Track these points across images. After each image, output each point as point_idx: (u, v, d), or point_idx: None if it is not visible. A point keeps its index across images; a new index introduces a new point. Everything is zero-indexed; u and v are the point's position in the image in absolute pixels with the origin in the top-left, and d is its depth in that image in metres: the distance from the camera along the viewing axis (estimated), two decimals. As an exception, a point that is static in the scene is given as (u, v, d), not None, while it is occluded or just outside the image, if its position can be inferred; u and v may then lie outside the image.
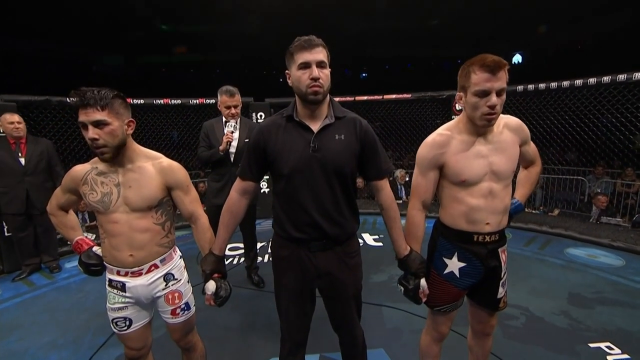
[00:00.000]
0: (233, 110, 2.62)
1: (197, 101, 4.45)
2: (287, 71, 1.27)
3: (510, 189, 1.35)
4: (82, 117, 1.18)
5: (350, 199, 1.34)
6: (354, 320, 1.42)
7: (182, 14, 10.14)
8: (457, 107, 1.33)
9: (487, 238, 1.32)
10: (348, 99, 4.53)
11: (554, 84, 3.52)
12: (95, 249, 1.42)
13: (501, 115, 1.29)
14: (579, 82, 3.42)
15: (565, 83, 3.47)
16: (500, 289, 1.40)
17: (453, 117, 4.36)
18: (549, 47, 11.65)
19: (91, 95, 1.16)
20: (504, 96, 1.19)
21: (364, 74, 16.48)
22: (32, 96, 3.43)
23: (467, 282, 1.37)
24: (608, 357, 1.97)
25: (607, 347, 2.06)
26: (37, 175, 3.16)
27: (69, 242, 3.76)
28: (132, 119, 1.30)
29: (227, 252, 3.72)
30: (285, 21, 10.24)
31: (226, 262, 1.52)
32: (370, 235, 4.20)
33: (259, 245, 3.81)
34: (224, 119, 2.70)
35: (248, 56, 13.26)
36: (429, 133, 1.38)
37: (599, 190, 5.22)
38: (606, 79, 3.20)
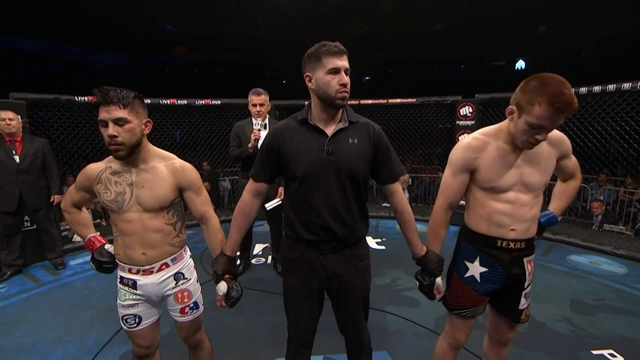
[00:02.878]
0: (258, 108, 2.82)
1: (203, 102, 4.48)
2: (307, 74, 1.28)
3: (540, 199, 1.33)
4: (103, 115, 1.20)
5: (362, 203, 1.36)
6: (361, 322, 1.44)
7: (187, 14, 10.19)
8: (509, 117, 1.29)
9: (512, 245, 1.31)
10: (353, 102, 4.56)
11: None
12: (108, 246, 1.43)
13: None
14: (583, 89, 3.44)
15: (583, 89, 3.45)
16: (523, 300, 1.38)
17: (458, 122, 4.39)
18: (552, 52, 11.68)
19: (114, 93, 1.19)
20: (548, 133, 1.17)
21: (366, 77, 16.54)
22: (41, 94, 3.46)
23: (487, 287, 1.36)
24: (611, 364, 1.99)
25: (610, 354, 2.07)
26: (31, 173, 3.13)
27: (81, 239, 3.79)
28: (149, 119, 1.33)
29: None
30: (289, 23, 10.30)
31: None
32: (373, 238, 4.21)
33: (262, 246, 3.86)
34: (253, 120, 2.84)
35: (251, 57, 13.32)
36: (432, 137, 1.37)
37: (600, 198, 5.23)
38: (611, 87, 3.23)
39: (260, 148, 1.37)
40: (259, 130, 2.75)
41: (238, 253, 1.54)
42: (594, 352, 2.09)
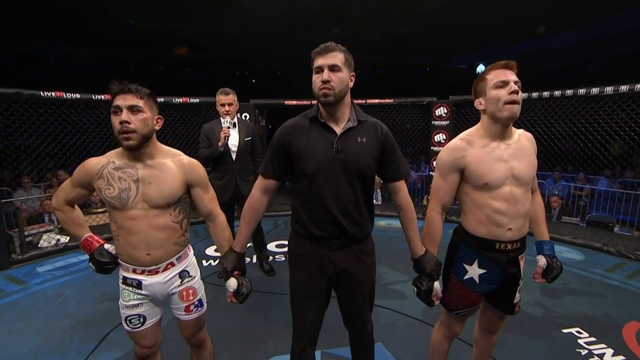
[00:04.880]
0: (227, 108, 2.79)
1: (181, 100, 4.34)
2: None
3: (529, 195, 1.40)
4: (119, 102, 1.20)
5: (369, 200, 1.40)
6: (367, 316, 1.48)
7: (153, 10, 9.75)
8: (480, 107, 1.40)
9: (509, 246, 1.35)
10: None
11: (524, 95, 3.86)
12: (107, 246, 1.38)
13: (515, 128, 1.37)
14: (546, 94, 3.78)
15: (535, 94, 3.81)
16: (517, 295, 1.45)
17: (433, 122, 4.61)
18: (509, 58, 12.49)
19: (131, 85, 1.21)
20: (521, 93, 1.26)
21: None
22: (1, 88, 3.18)
23: (486, 288, 1.41)
24: (579, 340, 2.21)
25: (577, 331, 2.31)
26: None
27: (48, 245, 3.51)
28: (160, 116, 1.31)
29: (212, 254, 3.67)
30: (258, 23, 10.19)
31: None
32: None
33: (248, 245, 3.81)
34: (221, 119, 2.80)
35: (220, 56, 13.01)
36: (405, 136, 1.42)
37: (555, 193, 5.74)
38: (569, 92, 3.58)
39: (270, 145, 1.38)
40: (229, 127, 2.75)
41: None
42: (564, 330, 2.32)
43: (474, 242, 1.39)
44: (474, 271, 1.40)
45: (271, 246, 3.84)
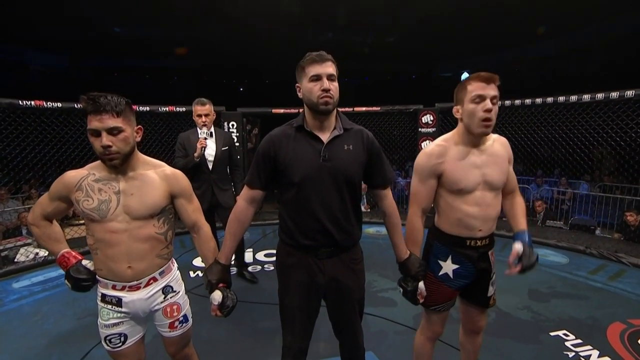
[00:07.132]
0: (204, 119, 2.79)
1: (167, 109, 4.28)
2: (297, 85, 1.32)
3: (500, 198, 1.46)
4: (96, 124, 1.13)
5: (357, 207, 1.40)
6: (357, 324, 1.46)
7: (139, 18, 9.66)
8: (458, 115, 1.44)
9: (479, 242, 1.43)
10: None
11: (507, 102, 3.97)
12: (85, 262, 1.32)
13: (490, 134, 1.41)
14: (528, 101, 3.90)
15: (517, 102, 3.92)
16: (490, 288, 1.52)
17: (420, 129, 4.67)
18: (491, 66, 12.90)
19: (105, 101, 1.12)
20: (497, 108, 1.30)
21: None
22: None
23: (460, 282, 1.47)
24: (566, 343, 2.23)
25: (564, 334, 2.33)
26: None
27: (25, 260, 3.38)
28: (140, 126, 1.27)
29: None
30: (246, 31, 10.22)
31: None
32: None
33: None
34: (198, 130, 2.80)
35: (206, 64, 12.95)
36: (391, 144, 1.44)
37: (538, 197, 5.88)
38: (549, 99, 3.69)
39: (256, 155, 1.36)
40: (205, 139, 2.73)
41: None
42: (552, 333, 2.34)
43: (446, 239, 1.47)
44: (448, 267, 1.47)
45: (260, 255, 3.80)
